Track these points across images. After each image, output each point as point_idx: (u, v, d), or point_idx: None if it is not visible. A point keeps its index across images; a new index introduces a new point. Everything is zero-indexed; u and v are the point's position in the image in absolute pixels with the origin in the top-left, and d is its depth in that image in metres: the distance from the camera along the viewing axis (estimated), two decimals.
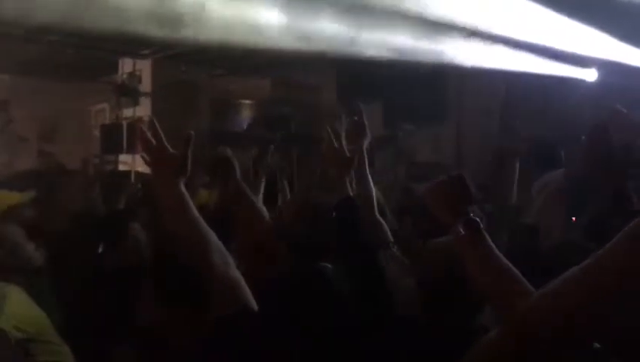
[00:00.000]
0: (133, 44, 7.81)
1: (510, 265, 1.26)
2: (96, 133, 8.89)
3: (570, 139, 4.83)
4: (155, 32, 5.78)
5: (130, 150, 8.55)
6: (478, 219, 1.31)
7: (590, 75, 6.47)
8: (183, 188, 1.61)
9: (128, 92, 8.32)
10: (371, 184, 2.52)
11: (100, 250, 2.72)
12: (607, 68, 6.17)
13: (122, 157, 8.71)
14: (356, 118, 2.71)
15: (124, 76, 8.46)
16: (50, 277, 2.36)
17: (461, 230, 1.30)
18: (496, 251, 1.28)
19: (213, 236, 1.55)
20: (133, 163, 8.60)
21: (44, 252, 2.37)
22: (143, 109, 8.55)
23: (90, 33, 5.70)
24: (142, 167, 8.49)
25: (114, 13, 5.18)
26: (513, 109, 6.90)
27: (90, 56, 7.82)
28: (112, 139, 8.47)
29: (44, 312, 2.23)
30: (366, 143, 2.76)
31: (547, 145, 4.44)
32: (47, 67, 8.24)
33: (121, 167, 8.75)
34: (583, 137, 3.80)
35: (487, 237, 1.29)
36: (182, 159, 1.63)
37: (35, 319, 2.20)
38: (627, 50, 5.76)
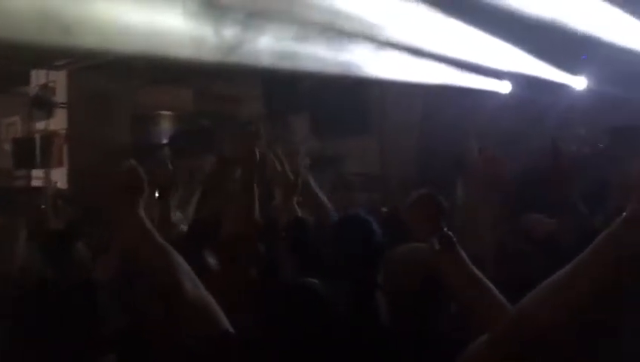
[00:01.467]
0: (47, 55, 7.51)
1: (483, 277, 1.34)
2: (7, 147, 8.46)
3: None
4: (69, 41, 5.57)
5: (44, 164, 8.21)
6: (451, 234, 1.38)
7: (504, 88, 6.82)
8: (142, 213, 1.55)
9: (42, 104, 7.98)
10: (322, 194, 2.64)
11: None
12: (520, 81, 6.54)
13: (35, 172, 8.35)
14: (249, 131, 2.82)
15: (37, 88, 8.11)
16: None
17: (437, 244, 1.37)
18: (470, 264, 1.36)
19: (179, 258, 1.52)
20: (47, 178, 8.25)
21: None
22: (58, 122, 8.22)
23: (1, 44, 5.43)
24: (57, 182, 8.17)
25: (25, 24, 4.97)
26: (431, 121, 7.15)
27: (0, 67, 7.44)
28: (25, 154, 8.10)
29: None
30: (304, 163, 2.90)
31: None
32: None
33: (35, 183, 8.36)
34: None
35: (461, 250, 1.37)
36: (139, 181, 1.58)
37: None
38: (537, 64, 6.14)
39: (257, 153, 2.03)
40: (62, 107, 8.10)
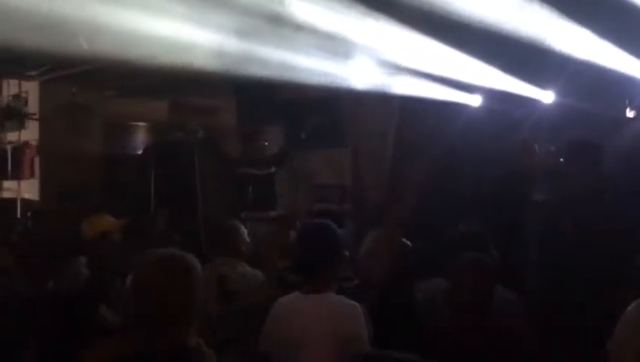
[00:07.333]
0: (19, 64, 7.44)
1: None
2: None
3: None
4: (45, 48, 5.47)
5: (16, 176, 8.11)
6: None
7: (475, 101, 6.97)
8: None
9: (13, 115, 7.89)
10: None
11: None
12: (489, 95, 6.69)
13: (7, 183, 8.25)
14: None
15: (9, 98, 8.02)
16: None
17: None
18: None
19: None
20: (19, 189, 8.15)
21: None
22: (30, 133, 8.15)
23: None
24: (28, 194, 8.08)
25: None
26: (406, 133, 7.24)
27: None
28: None
29: None
30: None
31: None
32: None
33: (6, 195, 8.26)
34: None
35: None
36: None
37: None
38: (506, 79, 6.29)
39: None
40: (33, 118, 8.03)
